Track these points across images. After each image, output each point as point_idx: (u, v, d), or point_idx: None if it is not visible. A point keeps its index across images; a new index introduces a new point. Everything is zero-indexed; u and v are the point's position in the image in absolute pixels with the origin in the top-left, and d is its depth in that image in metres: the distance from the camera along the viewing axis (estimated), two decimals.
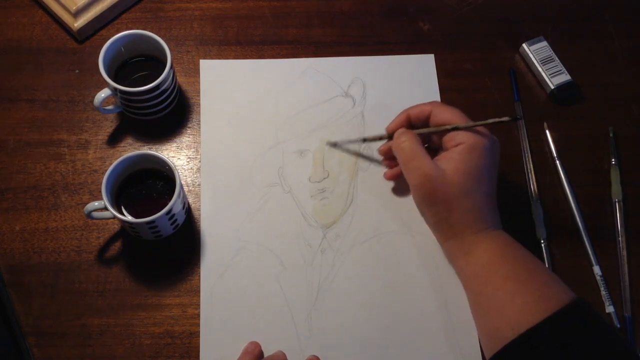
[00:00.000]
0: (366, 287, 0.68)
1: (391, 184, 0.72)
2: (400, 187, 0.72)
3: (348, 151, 0.73)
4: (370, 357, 0.65)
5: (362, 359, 0.65)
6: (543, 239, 0.70)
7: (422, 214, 0.66)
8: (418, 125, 0.67)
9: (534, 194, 0.72)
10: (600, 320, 0.57)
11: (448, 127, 0.64)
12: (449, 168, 0.61)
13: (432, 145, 0.68)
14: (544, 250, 0.69)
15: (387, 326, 0.66)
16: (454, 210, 0.62)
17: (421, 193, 0.63)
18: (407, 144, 0.64)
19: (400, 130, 0.66)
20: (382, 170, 0.73)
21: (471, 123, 0.63)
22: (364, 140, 0.72)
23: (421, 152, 0.63)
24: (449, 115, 0.64)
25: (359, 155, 0.73)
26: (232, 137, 0.74)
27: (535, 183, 0.73)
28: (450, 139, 0.64)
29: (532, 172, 0.73)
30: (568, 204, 0.72)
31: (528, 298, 0.57)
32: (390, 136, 0.68)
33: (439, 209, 0.62)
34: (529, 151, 0.74)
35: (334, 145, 0.73)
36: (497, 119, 0.63)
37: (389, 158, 0.71)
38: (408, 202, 0.70)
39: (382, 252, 0.69)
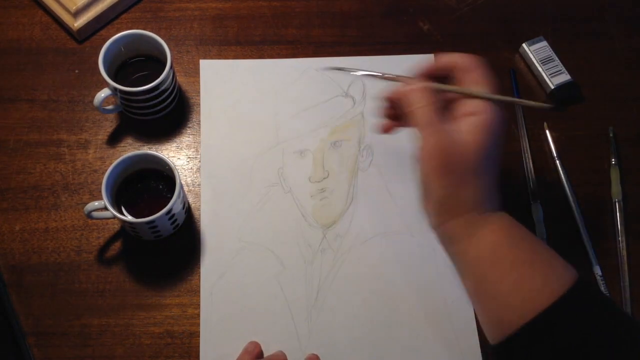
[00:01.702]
0: (366, 287, 0.68)
1: (391, 183, 0.72)
2: (401, 187, 0.72)
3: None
4: (369, 357, 0.65)
5: (362, 358, 0.65)
6: (543, 239, 0.70)
7: (428, 185, 0.59)
8: (433, 77, 0.61)
9: (533, 194, 0.72)
10: (604, 299, 0.57)
11: (481, 94, 0.57)
12: (465, 140, 0.56)
13: (443, 99, 0.60)
14: None
15: (386, 326, 0.66)
16: (466, 186, 0.57)
17: (434, 162, 0.57)
18: (425, 107, 0.57)
19: (416, 86, 0.59)
20: (382, 170, 0.72)
21: (505, 98, 0.58)
22: (383, 75, 0.65)
23: (441, 119, 0.57)
24: (478, 78, 0.58)
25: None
26: (232, 137, 0.74)
27: (535, 183, 0.73)
28: (464, 104, 0.58)
29: (532, 172, 0.73)
30: (568, 204, 0.72)
31: (535, 284, 0.54)
32: (404, 79, 0.63)
33: (450, 182, 0.57)
34: (529, 151, 0.74)
35: (340, 69, 0.68)
36: (535, 103, 0.60)
37: (391, 106, 0.64)
38: (408, 202, 0.70)
39: (382, 252, 0.69)
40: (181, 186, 0.64)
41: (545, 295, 0.53)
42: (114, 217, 0.63)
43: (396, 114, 0.65)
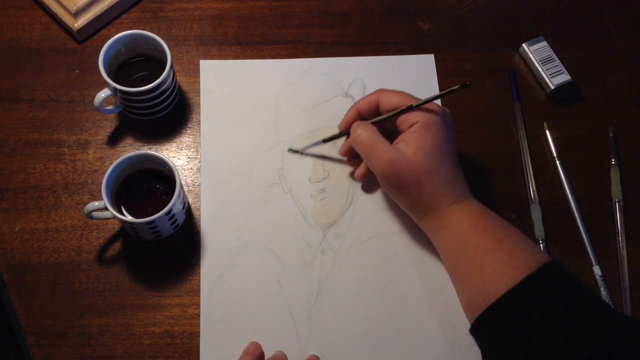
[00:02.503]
0: (366, 287, 0.68)
1: None
2: None
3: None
4: (370, 357, 0.65)
5: (362, 358, 0.65)
6: (542, 239, 0.70)
7: (395, 199, 0.67)
8: (369, 117, 0.68)
9: (532, 195, 0.72)
10: (570, 281, 0.58)
11: (401, 108, 0.64)
12: (409, 150, 0.62)
13: (387, 131, 0.67)
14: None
15: (387, 326, 0.66)
16: (424, 187, 0.62)
17: (389, 180, 0.64)
18: (364, 135, 0.65)
19: (355, 124, 0.67)
20: None
21: (422, 100, 0.64)
22: (324, 141, 0.72)
23: (380, 140, 0.64)
24: (397, 99, 0.65)
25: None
26: (232, 137, 0.74)
27: (534, 183, 0.73)
28: (403, 121, 0.64)
29: (531, 172, 0.73)
30: (568, 204, 0.72)
31: (496, 268, 0.59)
32: (346, 133, 0.69)
33: (409, 191, 0.63)
34: (528, 152, 0.74)
35: (295, 152, 0.73)
36: (446, 91, 0.64)
37: (353, 157, 0.71)
38: None
39: (382, 252, 0.69)
40: (181, 186, 0.64)
41: (507, 278, 0.57)
42: (114, 217, 0.63)
43: (359, 162, 0.70)
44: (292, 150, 0.73)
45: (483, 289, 0.59)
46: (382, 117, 0.66)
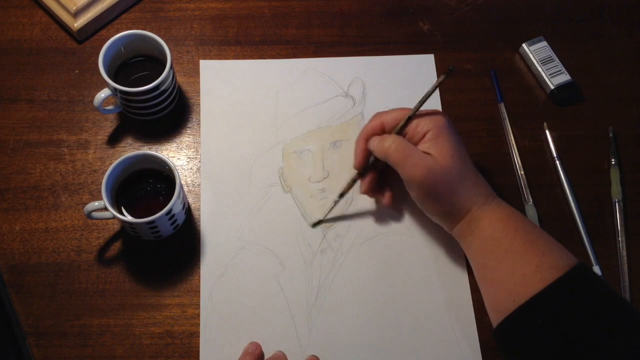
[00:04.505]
0: (366, 287, 0.68)
1: (391, 183, 0.72)
2: (400, 187, 0.72)
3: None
4: (370, 357, 0.65)
5: (362, 358, 0.65)
6: None
7: (428, 208, 0.65)
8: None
9: (525, 195, 0.72)
10: (599, 285, 0.58)
11: (408, 116, 0.64)
12: (437, 156, 0.62)
13: None
14: None
15: (387, 326, 0.66)
16: (457, 193, 0.62)
17: (425, 187, 0.63)
18: (395, 144, 0.63)
19: (378, 138, 0.65)
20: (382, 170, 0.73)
21: (417, 104, 0.64)
22: (341, 195, 0.70)
23: (413, 147, 0.63)
24: (399, 114, 0.65)
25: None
26: (232, 137, 0.74)
27: (526, 184, 0.72)
28: (414, 133, 0.64)
29: (522, 173, 0.73)
30: (568, 204, 0.72)
31: (527, 269, 0.58)
32: (365, 170, 0.68)
33: (444, 198, 0.63)
34: (517, 152, 0.74)
35: (320, 222, 0.70)
36: (433, 86, 0.64)
37: (374, 190, 0.70)
38: (408, 202, 0.70)
39: (382, 252, 0.69)
40: (181, 186, 0.64)
41: (538, 280, 0.57)
42: (114, 217, 0.63)
43: (376, 180, 0.70)
44: (316, 224, 0.70)
45: (513, 290, 0.58)
46: (396, 129, 0.65)
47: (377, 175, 0.69)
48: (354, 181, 0.69)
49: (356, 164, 0.68)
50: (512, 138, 0.75)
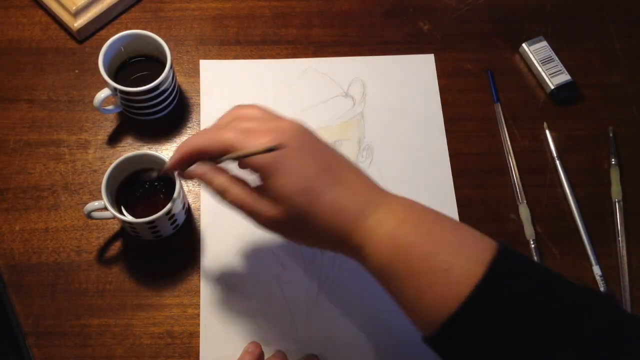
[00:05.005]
0: (366, 287, 0.68)
1: (391, 183, 0.72)
2: (400, 187, 0.71)
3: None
4: (370, 357, 0.65)
5: (362, 358, 0.65)
6: (532, 240, 0.70)
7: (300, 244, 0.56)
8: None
9: (519, 196, 0.72)
10: (526, 267, 0.49)
11: (222, 158, 0.53)
12: (276, 206, 0.51)
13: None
14: (533, 251, 0.69)
15: (387, 326, 0.66)
16: (319, 233, 0.52)
17: (283, 233, 0.54)
18: (232, 197, 0.53)
19: (210, 176, 0.54)
20: (382, 170, 0.72)
21: (233, 154, 0.52)
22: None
23: (249, 202, 0.52)
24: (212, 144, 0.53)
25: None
26: None
27: (520, 184, 0.72)
28: (247, 165, 0.52)
29: (516, 173, 0.73)
30: (568, 204, 0.72)
31: (435, 291, 0.48)
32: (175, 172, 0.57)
33: (308, 237, 0.54)
34: (512, 152, 0.74)
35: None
36: (249, 152, 0.51)
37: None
38: None
39: None
40: (181, 186, 0.64)
41: (450, 300, 0.48)
42: (114, 217, 0.63)
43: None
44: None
45: (426, 315, 0.49)
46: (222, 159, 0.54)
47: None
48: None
49: (169, 166, 0.56)
50: (508, 138, 0.75)
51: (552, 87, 0.77)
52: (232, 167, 0.55)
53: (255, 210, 0.53)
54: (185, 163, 0.55)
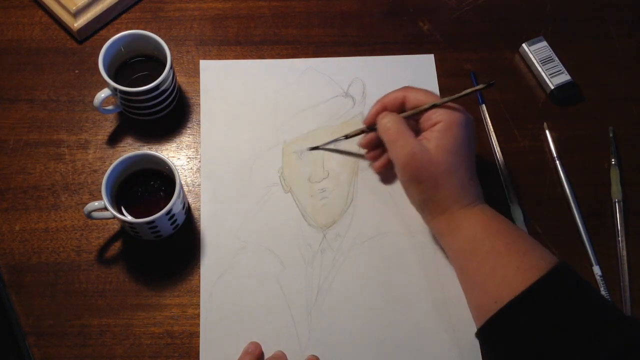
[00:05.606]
0: (366, 287, 0.68)
1: (391, 183, 0.72)
2: (400, 187, 0.71)
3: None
4: (370, 357, 0.65)
5: (362, 358, 0.65)
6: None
7: (408, 193, 0.67)
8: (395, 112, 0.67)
9: (510, 196, 0.72)
10: (580, 284, 0.58)
11: (425, 106, 0.65)
12: (432, 147, 0.62)
13: (411, 128, 0.66)
14: None
15: (387, 326, 0.66)
16: (441, 187, 0.62)
17: (408, 172, 0.64)
18: (391, 123, 0.65)
19: (383, 113, 0.66)
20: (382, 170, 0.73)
21: (446, 98, 0.64)
22: (346, 137, 0.72)
23: (406, 131, 0.64)
24: (423, 97, 0.65)
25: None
26: (232, 137, 0.74)
27: (511, 185, 0.72)
28: (426, 119, 0.64)
29: (505, 174, 0.73)
30: (568, 204, 0.72)
31: (508, 271, 0.58)
32: (371, 128, 0.69)
33: (425, 187, 0.63)
34: (500, 154, 0.74)
35: (315, 148, 0.73)
36: (470, 89, 0.65)
37: (373, 148, 0.71)
38: (408, 202, 0.70)
39: (382, 252, 0.69)
40: (181, 186, 0.64)
41: (519, 281, 0.57)
42: (114, 217, 0.63)
43: (379, 154, 0.71)
44: (312, 148, 0.73)
45: (495, 292, 0.58)
46: (407, 113, 0.66)
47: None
48: (357, 133, 0.71)
49: (366, 120, 0.69)
50: (495, 139, 0.75)
51: (552, 87, 0.77)
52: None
53: (404, 142, 0.63)
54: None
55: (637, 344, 0.52)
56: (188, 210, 0.69)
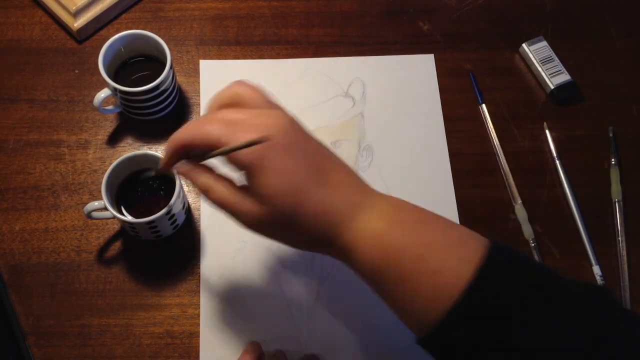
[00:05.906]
0: (366, 286, 0.67)
1: (391, 183, 0.72)
2: (400, 187, 0.72)
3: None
4: (370, 357, 0.65)
5: (362, 358, 0.65)
6: (532, 240, 0.70)
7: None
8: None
9: (513, 196, 0.72)
10: (518, 263, 0.48)
11: (207, 156, 0.51)
12: (261, 205, 0.49)
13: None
14: (533, 251, 0.69)
15: (386, 326, 0.66)
16: (305, 235, 0.51)
17: (264, 234, 0.52)
18: (215, 196, 0.51)
19: (198, 172, 0.52)
20: (382, 170, 0.72)
21: (217, 151, 0.49)
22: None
23: (234, 201, 0.51)
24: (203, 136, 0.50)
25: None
26: None
27: (512, 185, 0.72)
28: (232, 162, 0.49)
29: (508, 174, 0.73)
30: (568, 204, 0.72)
31: (426, 294, 0.48)
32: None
33: (292, 238, 0.53)
34: (502, 154, 0.74)
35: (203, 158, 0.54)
36: (236, 146, 0.48)
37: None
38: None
39: None
40: (181, 186, 0.64)
41: (442, 302, 0.47)
42: (114, 217, 0.63)
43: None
44: (206, 158, 0.53)
45: (418, 317, 0.49)
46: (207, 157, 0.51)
47: None
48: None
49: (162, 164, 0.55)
50: (497, 139, 0.75)
51: (552, 87, 0.77)
52: (221, 164, 0.53)
53: (239, 210, 0.50)
54: (176, 159, 0.53)
55: (608, 328, 0.46)
56: (188, 210, 0.69)
